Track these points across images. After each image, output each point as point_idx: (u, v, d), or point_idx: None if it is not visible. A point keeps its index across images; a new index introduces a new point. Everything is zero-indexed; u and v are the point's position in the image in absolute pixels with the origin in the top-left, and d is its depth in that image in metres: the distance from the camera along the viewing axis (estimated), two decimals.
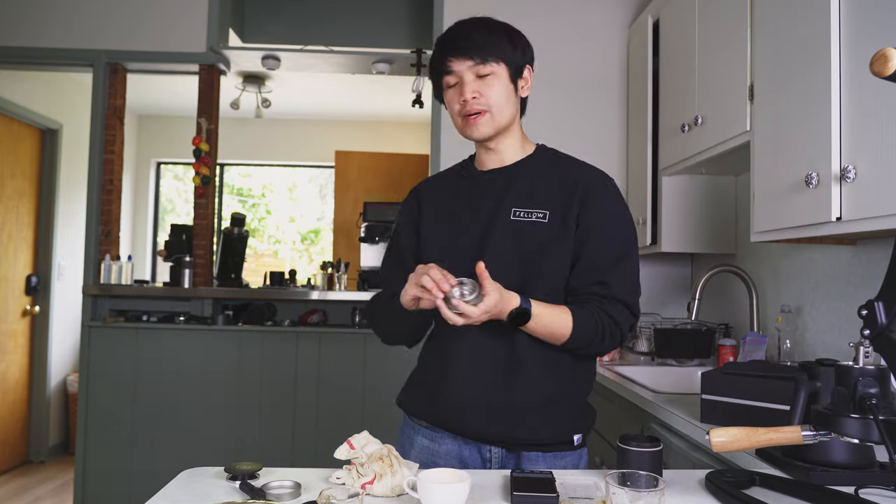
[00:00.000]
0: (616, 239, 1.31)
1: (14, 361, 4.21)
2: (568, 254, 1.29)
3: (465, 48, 1.29)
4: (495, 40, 1.31)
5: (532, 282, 1.28)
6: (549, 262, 1.29)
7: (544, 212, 1.31)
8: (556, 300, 1.28)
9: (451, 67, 1.30)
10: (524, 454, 1.30)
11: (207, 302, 3.25)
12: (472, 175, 1.40)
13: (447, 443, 1.33)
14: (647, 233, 2.71)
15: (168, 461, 3.13)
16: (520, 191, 1.34)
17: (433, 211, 1.41)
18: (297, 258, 6.25)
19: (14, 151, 4.19)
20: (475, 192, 1.37)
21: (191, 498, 1.02)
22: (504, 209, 1.32)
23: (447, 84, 1.33)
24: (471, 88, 1.29)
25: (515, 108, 1.36)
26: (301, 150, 5.84)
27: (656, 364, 2.50)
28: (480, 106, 1.30)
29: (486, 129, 1.32)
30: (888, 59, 0.88)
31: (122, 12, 3.33)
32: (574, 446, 1.33)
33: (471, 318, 1.13)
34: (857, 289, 1.85)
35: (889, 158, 1.30)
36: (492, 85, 1.30)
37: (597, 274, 1.28)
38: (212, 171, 3.37)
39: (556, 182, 1.34)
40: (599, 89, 3.16)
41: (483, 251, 1.29)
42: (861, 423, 0.99)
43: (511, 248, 1.29)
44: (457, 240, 1.34)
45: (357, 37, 3.67)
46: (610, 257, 1.29)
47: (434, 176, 1.52)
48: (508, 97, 1.33)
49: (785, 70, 1.67)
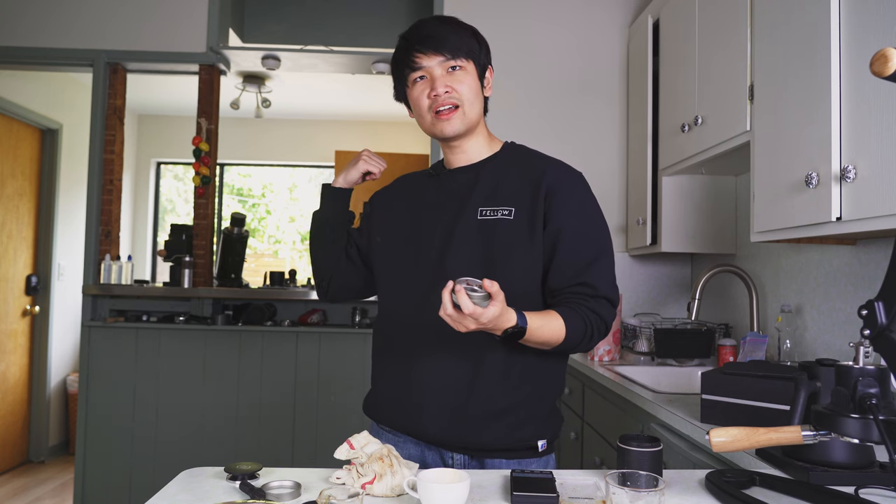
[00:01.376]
0: (592, 236, 1.29)
1: (14, 361, 4.21)
2: (536, 251, 1.26)
3: (435, 44, 1.26)
4: (463, 37, 1.29)
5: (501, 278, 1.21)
6: (515, 260, 1.26)
7: (509, 209, 1.28)
8: (525, 297, 1.24)
9: (419, 63, 1.27)
10: (487, 461, 1.28)
11: (207, 302, 3.25)
12: (439, 173, 1.39)
13: (409, 447, 1.32)
14: (647, 233, 2.71)
15: (168, 461, 3.14)
16: (484, 189, 1.31)
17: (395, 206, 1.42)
18: (297, 258, 6.25)
19: (14, 151, 4.19)
20: (440, 190, 1.36)
21: (191, 498, 1.02)
22: (469, 207, 1.30)
23: (413, 80, 1.30)
24: (442, 83, 1.26)
25: (482, 106, 1.34)
26: (301, 150, 5.84)
27: (656, 364, 2.50)
28: (453, 100, 1.27)
29: (458, 124, 1.29)
30: (888, 59, 0.88)
31: (123, 12, 3.33)
32: (539, 453, 1.29)
33: (477, 320, 1.03)
34: (857, 289, 1.85)
35: (889, 158, 1.30)
36: (462, 80, 1.28)
37: (578, 274, 1.25)
38: (212, 171, 3.37)
39: (521, 179, 1.32)
40: (599, 89, 3.16)
41: (447, 249, 1.28)
42: (861, 423, 0.99)
43: (475, 246, 1.28)
44: (420, 237, 1.33)
45: (357, 37, 3.67)
46: (589, 256, 1.26)
47: (407, 175, 1.50)
48: (477, 94, 1.31)
49: (785, 70, 1.67)
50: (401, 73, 1.32)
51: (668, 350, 2.50)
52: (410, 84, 1.31)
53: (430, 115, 1.29)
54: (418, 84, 1.29)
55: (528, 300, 1.25)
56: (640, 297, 3.09)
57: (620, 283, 3.08)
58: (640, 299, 3.08)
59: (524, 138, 3.36)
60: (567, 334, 1.19)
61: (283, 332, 3.20)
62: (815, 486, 1.01)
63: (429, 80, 1.28)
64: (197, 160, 3.34)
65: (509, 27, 3.16)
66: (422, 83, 1.29)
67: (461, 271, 1.18)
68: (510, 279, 1.20)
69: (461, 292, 1.01)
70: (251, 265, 5.98)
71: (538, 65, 3.17)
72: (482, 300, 1.03)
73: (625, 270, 3.10)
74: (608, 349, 2.60)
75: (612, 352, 2.61)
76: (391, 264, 1.38)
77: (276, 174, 6.26)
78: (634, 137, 2.97)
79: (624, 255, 3.10)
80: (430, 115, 1.29)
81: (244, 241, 3.57)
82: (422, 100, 1.29)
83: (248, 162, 6.00)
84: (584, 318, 1.22)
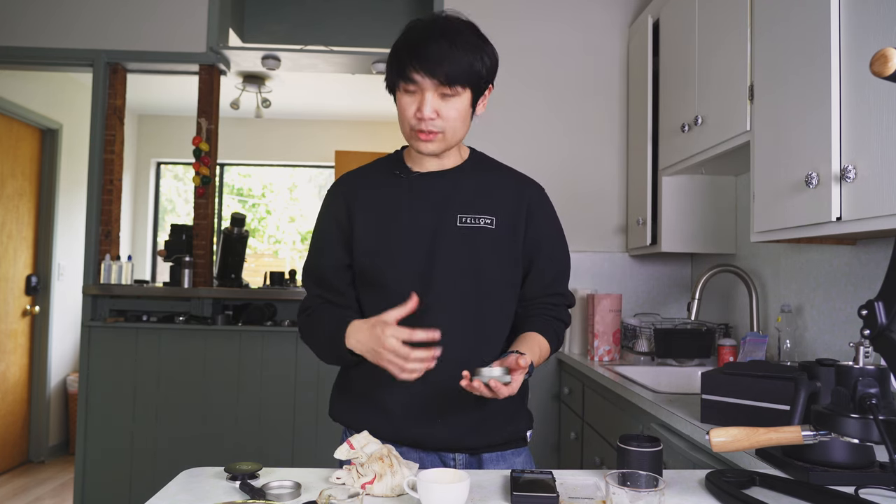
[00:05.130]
0: (561, 250, 1.40)
1: (14, 361, 4.21)
2: (517, 261, 1.33)
3: (434, 68, 1.19)
4: (466, 63, 1.21)
5: (486, 287, 1.29)
6: (500, 268, 1.31)
7: (491, 218, 1.31)
8: (506, 306, 1.34)
9: (414, 78, 1.21)
10: (484, 455, 1.33)
11: (207, 302, 3.25)
12: (409, 177, 1.33)
13: (410, 455, 1.30)
14: (647, 233, 2.71)
15: (168, 461, 3.14)
16: (464, 197, 1.31)
17: (368, 214, 1.32)
18: (297, 258, 6.25)
19: (14, 151, 4.19)
20: (413, 195, 1.31)
21: (191, 498, 1.02)
22: (449, 215, 1.29)
23: (405, 89, 1.24)
24: (431, 107, 1.21)
25: (467, 126, 1.29)
26: (301, 150, 5.84)
27: (656, 364, 2.50)
28: (436, 127, 1.23)
29: (435, 147, 1.27)
30: (888, 59, 0.88)
31: (123, 12, 3.33)
32: (526, 443, 1.39)
33: (500, 394, 1.11)
34: (857, 289, 1.85)
35: (889, 158, 1.30)
36: (453, 106, 1.23)
37: (551, 285, 1.37)
38: (212, 171, 3.37)
39: (497, 189, 1.35)
40: (599, 89, 3.16)
41: (434, 257, 1.27)
42: (861, 423, 0.99)
43: (462, 254, 1.28)
44: (400, 245, 1.29)
45: (357, 37, 3.67)
46: (559, 269, 1.39)
47: (360, 171, 1.40)
48: (465, 119, 1.27)
49: (785, 70, 1.67)
50: (394, 74, 1.26)
51: (668, 350, 2.50)
52: (401, 88, 1.26)
53: (409, 129, 1.26)
54: (408, 94, 1.25)
55: (507, 309, 1.34)
56: (640, 297, 3.09)
57: (621, 283, 3.10)
58: (640, 299, 3.08)
59: (524, 138, 3.38)
60: (550, 351, 1.34)
61: (283, 332, 3.20)
62: (815, 486, 1.01)
63: (419, 95, 1.22)
64: (197, 160, 3.34)
65: (509, 27, 3.16)
66: (412, 95, 1.24)
67: (449, 282, 1.26)
68: (493, 288, 1.31)
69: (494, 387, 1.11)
70: (251, 265, 5.98)
71: (538, 65, 3.17)
72: (503, 374, 1.12)
73: (625, 270, 3.10)
74: (608, 349, 2.60)
75: (612, 352, 2.61)
76: (374, 275, 1.30)
77: (276, 174, 6.27)
78: (634, 137, 2.97)
79: (624, 255, 3.10)
80: (410, 130, 1.26)
81: (244, 241, 3.57)
82: (407, 111, 1.25)
83: (248, 162, 6.00)
84: (555, 330, 1.36)
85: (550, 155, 3.12)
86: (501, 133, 3.11)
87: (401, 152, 1.39)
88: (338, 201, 1.36)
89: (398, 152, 1.40)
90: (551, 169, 3.04)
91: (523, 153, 3.02)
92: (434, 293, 1.26)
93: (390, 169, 1.36)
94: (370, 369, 1.25)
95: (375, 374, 1.25)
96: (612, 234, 3.11)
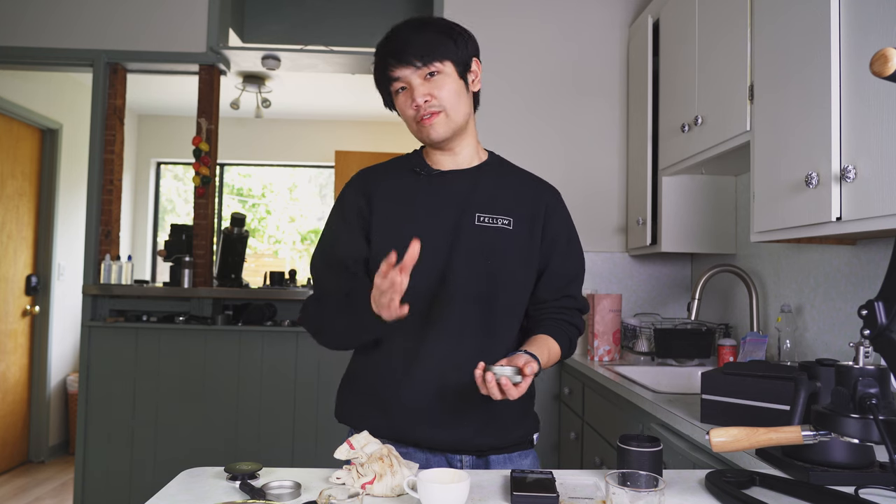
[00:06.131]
0: (577, 254, 1.40)
1: (14, 361, 4.21)
2: (533, 263, 1.34)
3: (405, 54, 1.23)
4: (435, 41, 1.25)
5: (500, 287, 1.29)
6: (517, 269, 1.31)
7: (508, 219, 1.32)
8: (517, 307, 1.34)
9: (395, 75, 1.26)
10: (492, 457, 1.32)
11: (207, 302, 3.25)
12: (429, 174, 1.34)
13: (417, 456, 1.30)
14: (647, 233, 2.71)
15: (168, 461, 3.14)
16: (483, 196, 1.32)
17: (388, 208, 1.32)
18: (297, 258, 6.25)
19: (14, 151, 4.19)
20: (433, 192, 1.32)
21: (191, 498, 1.02)
22: (468, 214, 1.30)
23: (395, 90, 1.28)
24: (421, 92, 1.24)
25: (469, 105, 1.32)
26: (301, 150, 5.84)
27: (656, 364, 2.50)
28: (434, 108, 1.25)
29: (442, 129, 1.28)
30: (888, 59, 0.88)
31: (123, 12, 3.33)
32: (533, 445, 1.38)
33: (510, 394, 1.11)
34: (857, 289, 1.85)
35: (889, 158, 1.30)
36: (442, 85, 1.25)
37: (565, 288, 1.37)
38: (212, 171, 3.37)
39: (516, 191, 1.36)
40: (599, 89, 3.16)
41: (450, 254, 1.28)
42: (861, 423, 0.99)
43: (479, 254, 1.29)
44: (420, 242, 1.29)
45: (357, 37, 3.67)
46: (573, 272, 1.39)
47: (379, 167, 1.40)
48: (460, 95, 1.28)
49: (785, 70, 1.67)
50: (382, 86, 1.31)
51: (668, 350, 2.50)
52: (394, 94, 1.30)
53: (415, 124, 1.29)
54: (401, 95, 1.28)
55: (518, 311, 1.34)
56: (640, 297, 3.09)
57: (620, 283, 3.09)
58: (640, 299, 3.08)
59: (524, 138, 3.38)
60: (560, 355, 1.34)
61: (283, 332, 3.20)
62: (815, 486, 1.01)
63: (409, 90, 1.26)
64: (197, 160, 3.34)
65: (509, 27, 3.17)
66: (404, 93, 1.28)
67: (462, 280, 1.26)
68: (506, 289, 1.31)
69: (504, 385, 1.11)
70: (251, 265, 5.98)
71: (538, 64, 3.17)
72: (514, 374, 1.12)
73: (625, 270, 3.10)
74: (608, 349, 2.60)
75: (612, 352, 2.61)
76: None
77: (276, 174, 6.26)
78: (634, 137, 2.97)
79: (624, 255, 3.10)
80: (415, 124, 1.29)
81: (244, 241, 3.57)
82: (406, 110, 1.28)
83: (248, 162, 6.00)
84: (567, 333, 1.35)
85: (550, 155, 3.12)
86: (501, 133, 3.10)
87: (419, 152, 1.40)
88: (357, 192, 1.35)
89: (417, 152, 1.41)
90: (551, 169, 3.04)
91: (523, 153, 3.01)
92: (447, 290, 1.27)
93: (409, 166, 1.37)
94: (377, 370, 1.29)
95: (382, 375, 1.29)
96: (612, 234, 3.11)
